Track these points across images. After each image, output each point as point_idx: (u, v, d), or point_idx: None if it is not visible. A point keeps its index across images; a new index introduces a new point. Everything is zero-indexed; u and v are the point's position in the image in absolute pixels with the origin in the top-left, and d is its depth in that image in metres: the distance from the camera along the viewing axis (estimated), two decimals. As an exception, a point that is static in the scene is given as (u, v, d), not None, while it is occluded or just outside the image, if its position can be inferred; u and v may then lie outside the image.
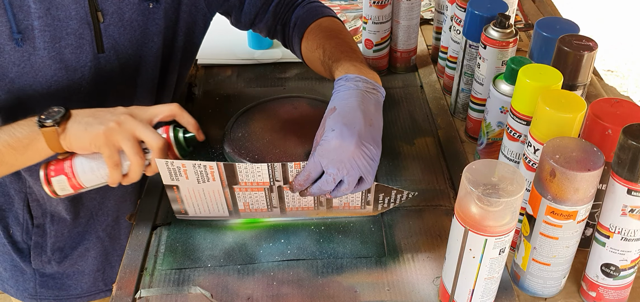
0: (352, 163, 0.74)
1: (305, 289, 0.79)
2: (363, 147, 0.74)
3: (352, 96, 0.78)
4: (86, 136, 0.73)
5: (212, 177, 0.79)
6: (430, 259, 0.82)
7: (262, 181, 0.80)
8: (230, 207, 0.85)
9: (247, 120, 1.03)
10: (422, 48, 1.29)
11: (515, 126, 0.80)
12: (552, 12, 1.44)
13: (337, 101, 0.79)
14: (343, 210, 0.87)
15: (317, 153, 0.75)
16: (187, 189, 0.81)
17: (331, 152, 0.74)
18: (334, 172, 0.74)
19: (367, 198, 0.84)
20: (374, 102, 0.80)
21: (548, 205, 0.68)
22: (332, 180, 0.74)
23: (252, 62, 1.26)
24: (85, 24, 0.83)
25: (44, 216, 0.99)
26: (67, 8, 0.81)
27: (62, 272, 1.04)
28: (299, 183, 0.77)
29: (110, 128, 0.73)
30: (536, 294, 0.77)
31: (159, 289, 0.79)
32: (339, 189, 0.76)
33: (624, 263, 0.71)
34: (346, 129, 0.74)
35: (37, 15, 0.79)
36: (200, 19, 0.99)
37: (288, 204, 0.85)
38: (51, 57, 0.82)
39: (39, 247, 1.01)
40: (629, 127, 0.64)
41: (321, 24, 0.97)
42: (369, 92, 0.80)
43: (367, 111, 0.77)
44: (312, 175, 0.76)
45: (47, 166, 0.77)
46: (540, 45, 0.92)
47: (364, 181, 0.76)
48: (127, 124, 0.73)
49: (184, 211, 0.86)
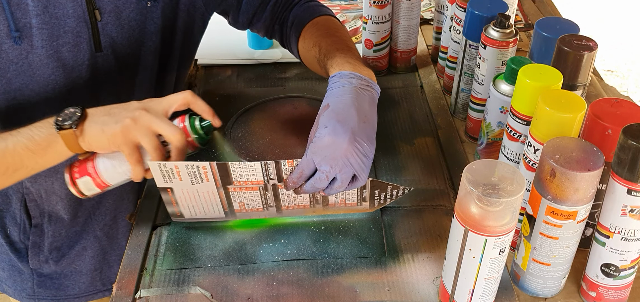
0: (345, 160, 0.73)
1: (305, 289, 0.79)
2: (356, 144, 0.74)
3: (346, 93, 0.78)
4: (104, 137, 0.73)
5: (206, 178, 0.79)
6: (430, 259, 0.82)
7: (256, 179, 0.79)
8: (225, 207, 0.84)
9: (247, 120, 1.03)
10: (422, 48, 1.29)
11: (515, 126, 0.80)
12: (552, 12, 1.44)
13: (330, 98, 0.78)
14: (339, 207, 0.86)
15: (310, 150, 0.74)
16: (181, 190, 0.81)
17: (324, 149, 0.73)
18: (326, 170, 0.74)
19: (363, 195, 0.84)
20: (368, 99, 0.79)
21: (548, 205, 0.68)
22: (325, 177, 0.74)
23: (252, 62, 1.26)
24: (83, 22, 0.83)
25: (41, 216, 0.98)
26: (65, 6, 0.81)
27: (59, 272, 1.04)
28: (292, 181, 0.77)
29: (126, 126, 0.72)
30: (536, 294, 0.77)
31: (159, 289, 0.79)
32: (332, 187, 0.76)
33: (624, 263, 0.71)
34: (339, 126, 0.74)
35: (34, 13, 0.79)
36: (198, 18, 0.99)
37: (283, 203, 0.84)
38: (49, 56, 0.82)
39: (37, 247, 1.01)
40: (629, 127, 0.64)
41: (318, 23, 0.97)
42: (364, 89, 0.79)
43: (361, 108, 0.77)
44: (305, 172, 0.76)
45: (70, 168, 0.78)
46: (540, 45, 0.92)
47: (358, 178, 0.76)
48: (142, 120, 0.73)
49: (179, 214, 0.85)
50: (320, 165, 0.74)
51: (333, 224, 0.87)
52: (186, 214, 0.85)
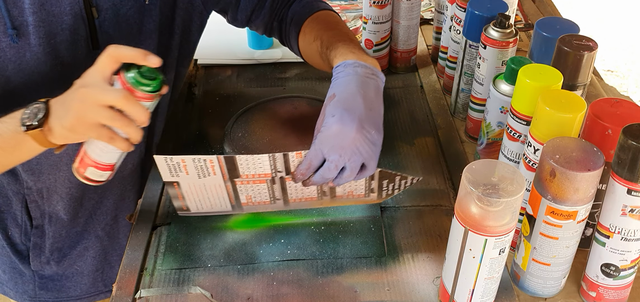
0: (353, 149, 0.73)
1: (305, 289, 0.79)
2: (364, 132, 0.73)
3: (351, 82, 0.77)
4: (68, 132, 0.72)
5: (213, 172, 0.78)
6: (430, 259, 0.82)
7: (263, 172, 0.79)
8: (232, 201, 0.83)
9: (247, 120, 1.03)
10: (422, 48, 1.29)
11: (515, 126, 0.80)
12: (552, 12, 1.44)
13: (336, 88, 0.77)
14: (347, 199, 0.86)
15: (318, 140, 0.74)
16: (188, 184, 0.80)
17: (332, 138, 0.73)
18: (335, 159, 0.73)
19: (371, 185, 0.83)
20: (373, 87, 0.78)
21: (548, 205, 0.68)
22: (334, 167, 0.73)
23: (252, 62, 1.26)
24: (80, 20, 0.82)
25: (42, 217, 0.98)
26: (62, 3, 0.80)
27: (61, 274, 1.04)
28: (301, 173, 0.76)
29: (77, 112, 0.70)
30: (536, 294, 0.77)
31: (159, 289, 0.79)
32: (341, 177, 0.75)
33: (624, 263, 0.71)
34: (347, 114, 0.73)
35: (31, 11, 0.78)
36: (196, 16, 0.99)
37: (291, 196, 0.83)
38: (46, 53, 0.81)
39: (38, 248, 1.00)
40: (629, 127, 0.64)
41: (318, 17, 0.96)
42: (369, 78, 0.79)
43: (367, 96, 0.76)
44: (313, 163, 0.75)
45: (75, 167, 0.77)
46: (540, 45, 0.92)
47: (367, 167, 0.75)
48: (87, 99, 0.70)
49: (185, 208, 0.84)
50: (328, 155, 0.73)
51: (333, 224, 0.87)
52: (193, 208, 0.84)
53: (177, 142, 1.04)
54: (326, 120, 0.74)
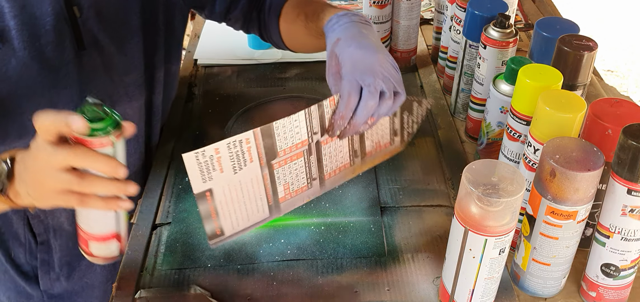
0: (381, 70, 0.70)
1: (305, 289, 0.79)
2: (385, 54, 0.71)
3: (351, 26, 0.76)
4: (37, 203, 0.68)
5: (250, 156, 0.70)
6: (430, 259, 0.82)
7: (300, 140, 0.74)
8: (270, 200, 0.76)
9: (247, 120, 1.03)
10: (422, 48, 1.29)
11: (515, 126, 0.80)
12: (552, 12, 1.44)
13: (338, 33, 0.75)
14: (376, 154, 0.84)
15: (347, 71, 0.70)
16: (222, 190, 0.70)
17: (359, 63, 0.70)
18: (372, 81, 0.70)
19: (394, 126, 0.81)
20: (373, 31, 0.78)
21: (548, 205, 0.68)
22: (374, 89, 0.70)
23: (252, 62, 1.26)
24: (63, 19, 0.80)
25: (46, 232, 0.95)
26: (43, 4, 0.78)
27: (71, 290, 1.00)
28: (340, 116, 0.71)
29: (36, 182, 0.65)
30: (536, 294, 0.77)
31: (158, 289, 0.79)
32: (383, 103, 0.71)
33: (624, 263, 0.71)
34: (363, 41, 0.71)
35: (12, 15, 0.76)
36: (177, 12, 0.97)
37: (326, 169, 0.79)
38: (32, 57, 0.78)
39: (46, 264, 0.97)
40: (629, 127, 0.64)
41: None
42: (366, 23, 0.78)
43: (372, 34, 0.75)
44: (353, 97, 0.70)
45: (80, 246, 0.73)
46: (540, 45, 0.92)
47: (399, 93, 0.72)
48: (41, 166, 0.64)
49: (219, 231, 0.73)
50: (363, 79, 0.70)
51: (333, 224, 0.87)
52: (227, 229, 0.73)
53: (177, 143, 1.04)
54: (344, 52, 0.71)
